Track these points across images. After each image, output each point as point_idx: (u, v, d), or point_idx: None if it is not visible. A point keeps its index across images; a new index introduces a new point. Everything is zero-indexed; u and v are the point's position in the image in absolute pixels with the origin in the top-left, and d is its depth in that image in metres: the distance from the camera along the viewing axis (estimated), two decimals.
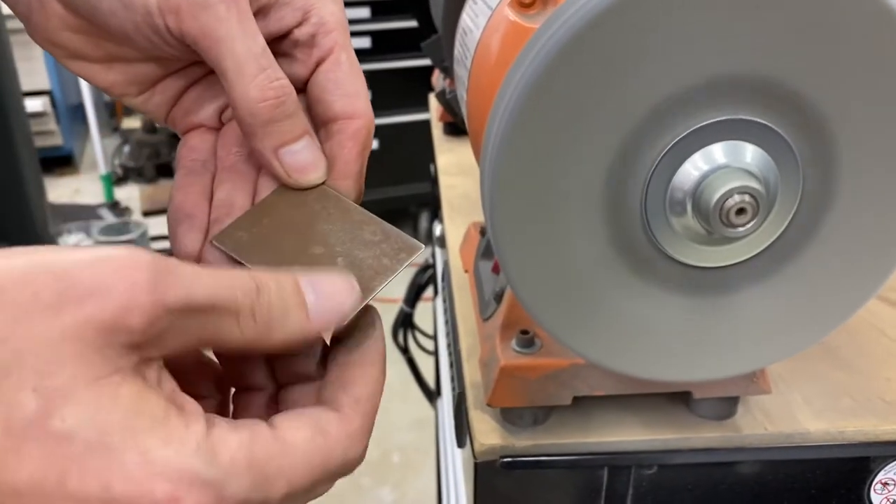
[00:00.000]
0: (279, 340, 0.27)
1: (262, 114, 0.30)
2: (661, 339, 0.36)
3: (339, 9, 0.34)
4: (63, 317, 0.22)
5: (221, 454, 0.24)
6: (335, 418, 0.28)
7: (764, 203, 0.31)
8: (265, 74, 0.30)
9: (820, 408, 0.49)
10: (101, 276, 0.23)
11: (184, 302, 0.24)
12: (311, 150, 0.32)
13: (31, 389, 0.22)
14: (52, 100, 3.40)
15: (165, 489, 0.23)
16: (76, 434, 0.22)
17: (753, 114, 0.32)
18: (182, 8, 0.29)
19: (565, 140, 0.32)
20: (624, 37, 0.30)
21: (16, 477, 0.22)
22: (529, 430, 0.48)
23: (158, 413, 0.24)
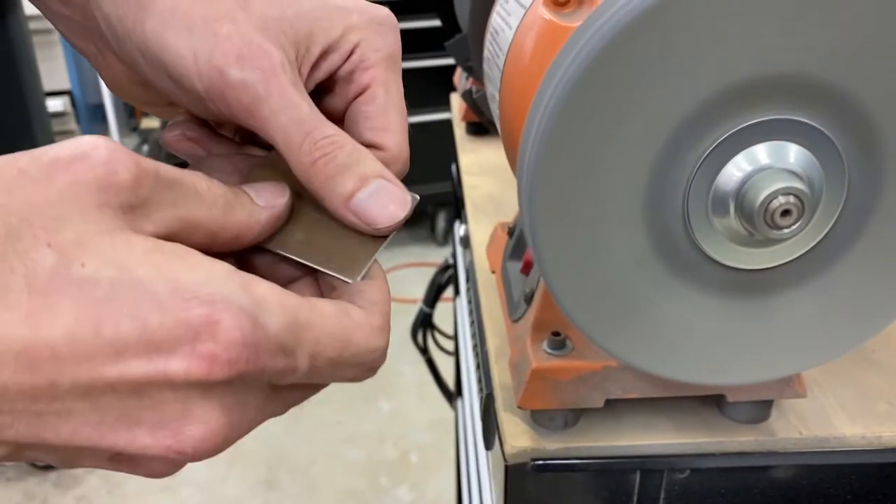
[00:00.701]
0: (240, 219, 0.28)
1: (318, 175, 0.30)
2: (699, 341, 0.36)
3: (387, 42, 0.34)
4: (55, 182, 0.23)
5: (255, 287, 0.24)
6: (357, 309, 0.28)
7: (809, 204, 0.31)
8: (311, 137, 0.30)
9: (855, 412, 0.49)
10: (79, 147, 0.24)
11: (155, 167, 0.25)
12: (383, 192, 0.31)
13: (45, 245, 0.22)
14: (72, 100, 3.43)
15: (202, 312, 0.23)
16: (100, 275, 0.22)
17: (798, 113, 0.31)
18: (225, 93, 0.30)
19: (607, 141, 0.31)
20: (668, 36, 0.30)
21: (50, 334, 0.21)
22: (560, 432, 0.47)
23: (180, 249, 0.24)
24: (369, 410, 2.10)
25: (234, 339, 0.23)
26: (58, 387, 0.22)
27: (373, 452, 1.97)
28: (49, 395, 0.22)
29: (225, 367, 0.23)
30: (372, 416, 2.09)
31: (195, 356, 0.22)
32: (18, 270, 0.21)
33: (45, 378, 0.21)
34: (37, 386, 0.21)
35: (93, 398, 0.22)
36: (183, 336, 0.22)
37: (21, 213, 0.22)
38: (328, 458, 1.93)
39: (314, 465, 1.91)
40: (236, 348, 0.23)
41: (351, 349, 0.27)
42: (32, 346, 0.21)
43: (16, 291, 0.21)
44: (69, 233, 0.22)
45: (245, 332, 0.23)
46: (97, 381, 0.22)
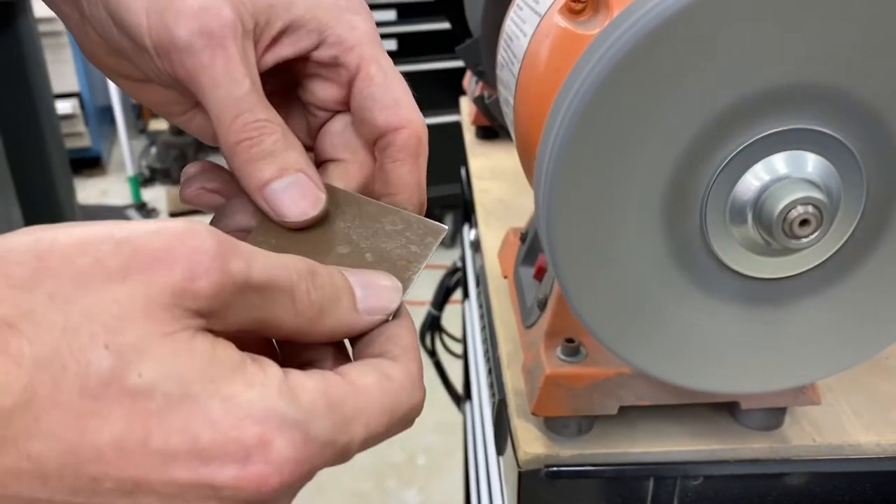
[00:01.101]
0: (328, 328, 0.27)
1: (240, 154, 0.30)
2: (716, 349, 0.36)
3: (361, 20, 0.33)
4: (129, 281, 0.22)
5: (302, 396, 0.24)
6: (394, 365, 0.28)
7: (827, 213, 0.31)
8: (242, 118, 0.30)
9: (870, 420, 0.49)
10: (164, 243, 0.23)
11: (245, 274, 0.24)
12: (298, 187, 0.30)
13: (103, 347, 0.21)
14: (81, 102, 3.44)
15: (254, 432, 0.22)
16: (155, 388, 0.22)
17: (816, 123, 0.31)
18: (171, 53, 0.29)
19: (625, 151, 0.31)
20: (686, 46, 0.30)
21: (97, 440, 0.21)
22: (574, 439, 0.47)
23: (235, 360, 0.23)
24: None
25: (286, 457, 0.23)
26: (100, 485, 0.22)
27: (380, 455, 1.97)
28: (90, 490, 0.22)
29: (276, 484, 0.23)
30: None
31: (246, 474, 0.22)
32: (71, 369, 0.21)
33: (88, 477, 0.21)
34: (79, 482, 0.21)
35: (135, 497, 0.22)
36: (234, 454, 0.22)
37: (84, 308, 0.21)
38: None
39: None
40: (289, 466, 0.23)
41: (398, 414, 0.27)
42: (77, 447, 0.21)
43: (66, 392, 0.21)
44: (130, 335, 0.22)
45: (298, 448, 0.23)
46: (141, 484, 0.22)
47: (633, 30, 0.30)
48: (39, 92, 2.43)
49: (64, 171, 2.62)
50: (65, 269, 0.22)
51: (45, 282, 0.21)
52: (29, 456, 0.21)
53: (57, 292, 0.21)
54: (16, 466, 0.21)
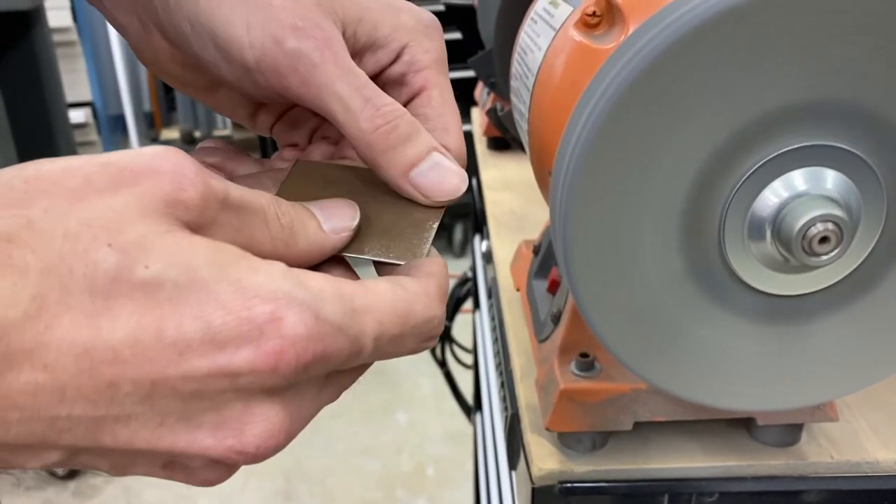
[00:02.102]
0: (303, 248, 0.27)
1: (379, 143, 0.30)
2: (735, 367, 0.35)
3: (435, 45, 0.34)
4: (120, 192, 0.22)
5: (310, 282, 0.24)
6: (410, 280, 0.28)
7: (848, 231, 0.30)
8: (371, 104, 0.30)
9: (888, 436, 0.48)
10: (148, 161, 0.23)
11: (224, 190, 0.24)
12: (443, 165, 0.31)
13: (106, 246, 0.21)
14: (94, 111, 3.46)
15: (265, 310, 0.22)
16: (164, 277, 0.22)
17: (836, 139, 0.31)
18: (280, 63, 0.30)
19: (643, 166, 0.31)
20: (704, 64, 0.29)
21: (111, 337, 0.21)
22: (588, 454, 0.47)
23: (238, 251, 0.24)
24: (386, 422, 2.10)
25: (299, 332, 0.23)
26: (118, 389, 0.21)
27: (389, 464, 1.96)
28: (108, 398, 0.21)
29: (292, 360, 0.23)
30: (389, 427, 2.08)
31: (261, 352, 0.22)
32: (78, 271, 0.21)
33: (106, 381, 0.21)
34: (97, 388, 0.21)
35: (153, 401, 0.22)
36: (248, 333, 0.22)
37: (81, 216, 0.21)
38: (345, 470, 1.93)
39: (331, 477, 1.91)
40: (303, 341, 0.23)
41: (411, 321, 0.26)
42: (93, 349, 0.21)
43: (76, 293, 0.21)
44: (131, 234, 0.22)
45: (309, 326, 0.23)
46: (159, 383, 0.22)
47: (650, 46, 0.29)
48: (53, 101, 2.45)
49: None
50: (55, 189, 0.22)
51: (38, 200, 0.21)
52: (45, 366, 0.20)
53: (52, 207, 0.21)
54: (32, 381, 0.20)
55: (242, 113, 0.38)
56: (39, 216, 0.21)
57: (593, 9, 0.40)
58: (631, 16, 0.38)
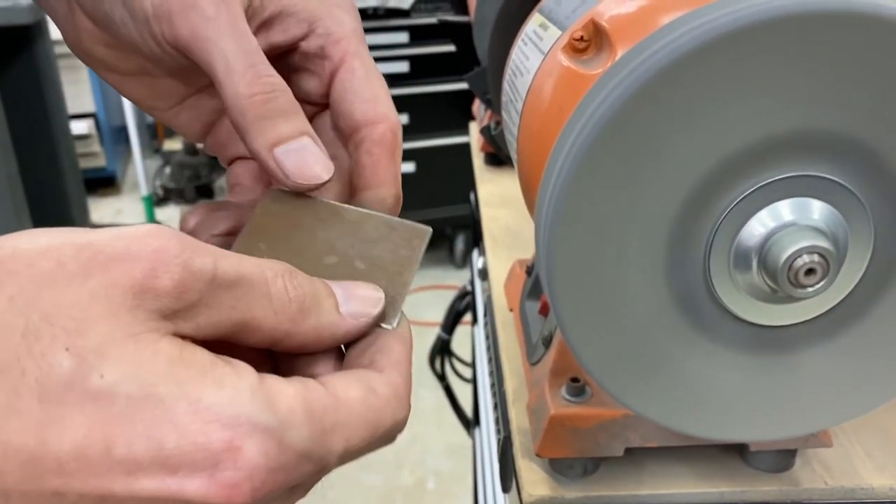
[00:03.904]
0: (312, 328, 0.26)
1: (253, 109, 0.29)
2: (722, 397, 0.35)
3: (350, 17, 0.33)
4: (90, 281, 0.21)
5: (278, 402, 0.23)
6: (381, 378, 0.27)
7: (834, 262, 0.30)
8: (255, 70, 0.29)
9: (883, 461, 0.47)
10: (126, 244, 0.22)
11: (211, 270, 0.23)
12: (311, 150, 0.30)
13: (63, 350, 0.20)
14: (96, 122, 3.47)
15: (223, 437, 0.21)
16: (118, 390, 0.21)
17: (823, 170, 0.31)
18: (173, 11, 0.29)
19: (627, 195, 0.31)
20: (689, 93, 0.29)
21: (58, 448, 0.20)
22: (579, 480, 0.46)
23: (205, 361, 0.22)
24: None
25: (257, 464, 0.22)
26: (64, 497, 0.21)
27: (390, 478, 1.95)
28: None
29: (247, 494, 0.22)
30: None
31: (215, 483, 0.21)
32: (31, 374, 0.20)
33: (51, 490, 0.20)
34: (42, 495, 0.20)
35: None
36: (202, 461, 0.21)
37: (45, 311, 0.21)
38: (345, 484, 1.92)
39: (331, 491, 1.90)
40: (261, 474, 0.22)
41: (379, 430, 0.26)
42: (39, 458, 0.20)
43: (26, 397, 0.20)
44: (92, 338, 0.21)
45: (270, 456, 0.22)
46: (107, 497, 0.21)
47: (635, 74, 0.29)
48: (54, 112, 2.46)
49: (78, 191, 2.64)
50: (26, 273, 0.21)
51: (6, 285, 0.21)
52: None
53: (17, 294, 0.21)
54: None
55: (164, 104, 0.36)
56: (2, 307, 0.21)
57: (581, 33, 0.40)
58: (618, 41, 0.38)
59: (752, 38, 0.28)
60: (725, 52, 0.29)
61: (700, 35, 0.28)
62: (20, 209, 2.13)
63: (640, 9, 0.39)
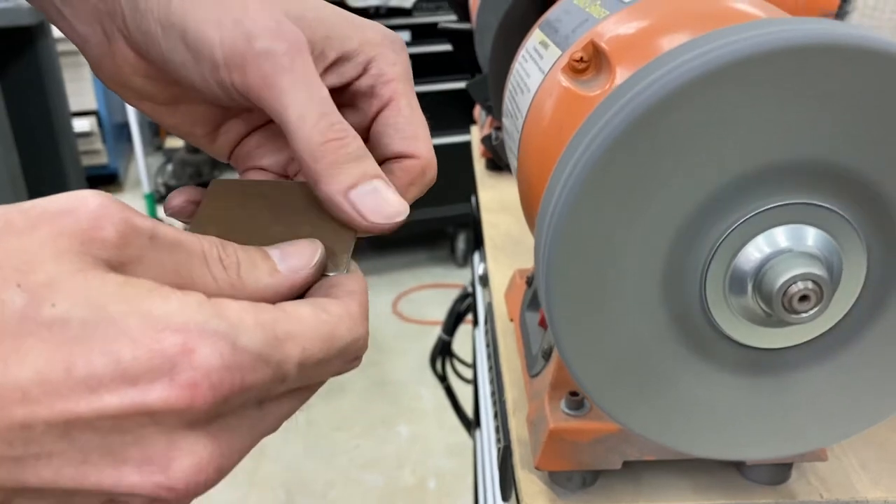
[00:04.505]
0: (252, 290, 0.27)
1: (326, 156, 0.30)
2: (719, 418, 0.35)
3: (400, 59, 0.34)
4: (37, 232, 0.22)
5: (227, 311, 0.24)
6: (333, 302, 0.27)
7: (828, 289, 0.30)
8: (327, 119, 0.30)
9: (878, 474, 0.48)
10: (70, 201, 0.23)
11: (151, 229, 0.24)
12: (383, 192, 0.31)
13: (14, 286, 0.21)
14: (98, 120, 3.48)
15: (175, 341, 0.22)
16: (70, 315, 0.21)
17: (818, 198, 0.31)
18: (247, 60, 0.30)
19: (625, 221, 0.31)
20: (688, 121, 0.30)
21: (19, 376, 0.21)
22: (578, 492, 0.47)
23: (151, 284, 0.23)
24: (388, 435, 2.10)
25: (213, 364, 0.22)
26: (32, 429, 0.21)
27: (391, 478, 1.96)
28: (24, 438, 0.21)
29: (208, 392, 0.22)
30: (391, 440, 2.08)
31: (174, 386, 0.22)
32: None
33: (18, 422, 0.21)
34: (10, 429, 0.21)
35: (71, 437, 0.22)
36: (159, 367, 0.22)
37: None
38: (346, 483, 1.93)
39: (332, 490, 1.91)
40: (217, 372, 0.22)
41: (336, 344, 0.26)
42: (2, 391, 0.21)
43: None
44: (41, 274, 0.22)
45: (224, 356, 0.22)
46: (73, 419, 0.21)
47: (636, 101, 0.30)
48: (57, 110, 2.47)
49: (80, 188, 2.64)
50: None
51: None
52: None
53: None
54: None
55: (201, 131, 0.37)
56: None
57: (581, 54, 0.40)
58: (618, 63, 0.39)
59: (752, 70, 0.29)
60: (724, 82, 0.29)
61: (700, 66, 0.29)
62: None
63: (639, 31, 0.39)
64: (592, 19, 0.43)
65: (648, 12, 0.40)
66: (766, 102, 0.30)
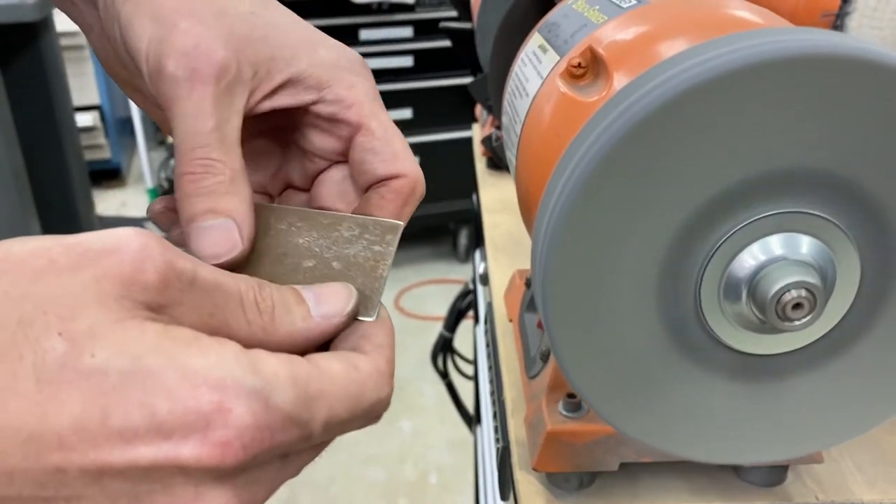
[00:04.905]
0: (284, 334, 0.27)
1: (182, 186, 0.30)
2: (714, 423, 0.36)
3: (360, 79, 0.34)
4: (80, 274, 0.23)
5: (263, 367, 0.24)
6: (363, 358, 0.28)
7: (821, 297, 0.31)
8: (195, 153, 0.30)
9: (874, 476, 0.48)
10: (113, 241, 0.24)
11: (192, 273, 0.24)
12: (218, 231, 0.30)
13: (56, 334, 0.22)
14: (101, 114, 3.48)
15: (212, 399, 0.22)
16: (109, 365, 0.22)
17: (813, 207, 0.31)
18: (158, 81, 0.30)
19: (622, 228, 0.32)
20: (685, 130, 0.30)
21: (57, 423, 0.21)
22: (575, 493, 0.47)
23: (189, 335, 0.24)
24: (390, 430, 2.11)
25: (246, 423, 0.23)
26: (66, 473, 0.22)
27: (392, 473, 1.97)
28: (57, 481, 0.22)
29: (239, 452, 0.23)
30: (392, 436, 2.09)
31: (207, 443, 0.22)
32: (28, 358, 0.21)
33: (53, 466, 0.22)
34: (45, 472, 0.22)
35: (102, 483, 0.22)
36: (194, 423, 0.22)
37: (38, 301, 0.22)
38: (348, 478, 1.94)
39: (334, 485, 1.91)
40: (249, 432, 0.23)
41: (362, 404, 0.27)
42: (39, 435, 0.21)
43: (24, 379, 0.21)
44: (82, 322, 0.22)
45: (257, 415, 0.23)
46: (105, 467, 0.22)
47: (633, 109, 0.30)
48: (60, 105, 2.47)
49: (83, 183, 2.65)
50: (19, 270, 0.23)
51: (1, 282, 0.22)
52: None
53: (12, 289, 0.22)
54: None
55: None
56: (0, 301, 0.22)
57: (578, 60, 0.41)
58: (615, 69, 0.39)
59: (751, 80, 0.29)
60: (723, 92, 0.29)
61: (698, 74, 0.29)
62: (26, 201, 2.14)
63: (637, 37, 0.40)
64: (591, 24, 0.43)
65: (646, 18, 0.40)
66: (764, 112, 0.30)
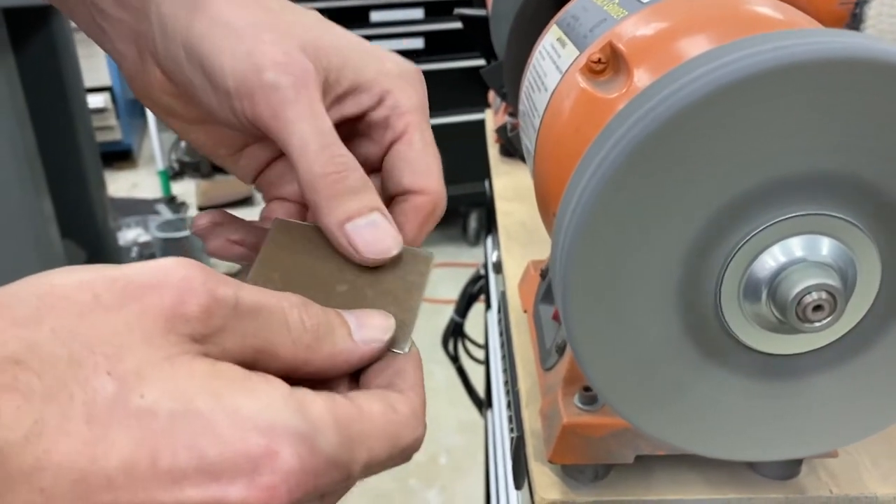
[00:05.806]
0: (327, 354, 0.28)
1: (326, 188, 0.31)
2: (732, 422, 0.36)
3: (416, 92, 0.35)
4: (125, 311, 0.23)
5: (309, 409, 0.25)
6: (400, 398, 0.29)
7: (841, 298, 0.31)
8: (328, 151, 0.31)
9: (889, 470, 0.49)
10: (154, 274, 0.24)
11: (234, 298, 0.25)
12: (380, 226, 0.32)
13: (105, 374, 0.22)
14: (112, 95, 3.48)
15: (261, 444, 0.23)
16: (159, 406, 0.22)
17: (834, 209, 0.31)
18: (255, 91, 0.31)
19: (642, 230, 0.32)
20: (708, 133, 0.30)
21: (106, 464, 0.21)
22: (590, 485, 0.48)
23: (238, 374, 0.24)
24: None
25: (293, 468, 0.23)
26: None
27: None
28: None
29: (284, 495, 0.23)
30: None
31: (254, 487, 0.23)
32: (78, 398, 0.22)
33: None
34: None
35: None
36: (242, 467, 0.23)
37: (86, 340, 0.22)
38: None
39: None
40: (295, 477, 0.23)
41: (399, 445, 0.27)
42: (88, 476, 0.21)
43: (74, 420, 0.21)
44: (130, 362, 0.22)
45: (304, 460, 0.24)
46: None
47: (658, 110, 0.30)
48: (71, 86, 2.47)
49: (95, 165, 2.66)
50: (64, 306, 0.23)
51: (47, 318, 0.22)
52: (42, 489, 0.21)
53: (59, 327, 0.22)
54: (28, 502, 0.21)
55: (225, 152, 0.38)
56: (47, 338, 0.22)
57: (598, 55, 0.41)
58: (636, 66, 0.39)
59: (777, 82, 0.29)
60: (749, 94, 0.29)
61: (725, 75, 0.29)
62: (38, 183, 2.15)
63: (657, 33, 0.39)
64: (611, 19, 0.43)
65: (667, 14, 0.40)
66: (790, 114, 0.30)
